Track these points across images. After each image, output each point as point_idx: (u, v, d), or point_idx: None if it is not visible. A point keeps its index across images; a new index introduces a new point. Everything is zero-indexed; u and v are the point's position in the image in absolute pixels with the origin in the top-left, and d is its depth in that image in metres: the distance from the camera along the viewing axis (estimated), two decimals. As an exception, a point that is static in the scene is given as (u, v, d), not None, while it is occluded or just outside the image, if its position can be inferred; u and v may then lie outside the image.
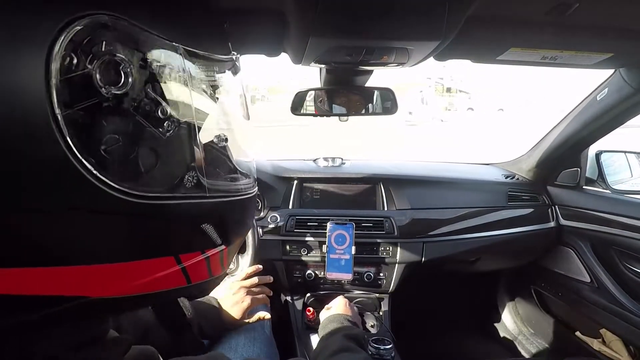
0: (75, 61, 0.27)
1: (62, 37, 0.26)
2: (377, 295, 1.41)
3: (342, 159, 1.70)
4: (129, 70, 0.30)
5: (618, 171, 1.56)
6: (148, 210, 0.32)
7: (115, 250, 0.31)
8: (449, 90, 33.32)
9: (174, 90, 0.34)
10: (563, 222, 1.56)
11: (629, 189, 1.49)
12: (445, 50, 0.83)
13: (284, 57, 1.01)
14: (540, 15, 0.74)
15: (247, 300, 0.99)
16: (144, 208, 0.31)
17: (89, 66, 0.28)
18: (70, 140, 0.27)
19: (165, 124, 0.33)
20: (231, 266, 1.14)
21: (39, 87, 0.26)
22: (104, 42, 0.28)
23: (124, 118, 0.30)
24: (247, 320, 0.98)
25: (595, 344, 1.49)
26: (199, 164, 0.37)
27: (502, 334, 1.95)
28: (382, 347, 1.08)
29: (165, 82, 0.33)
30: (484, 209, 1.53)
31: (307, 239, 1.40)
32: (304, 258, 1.40)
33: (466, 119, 18.47)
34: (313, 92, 1.18)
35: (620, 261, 1.35)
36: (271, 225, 1.41)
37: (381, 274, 1.40)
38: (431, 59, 0.92)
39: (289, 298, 1.42)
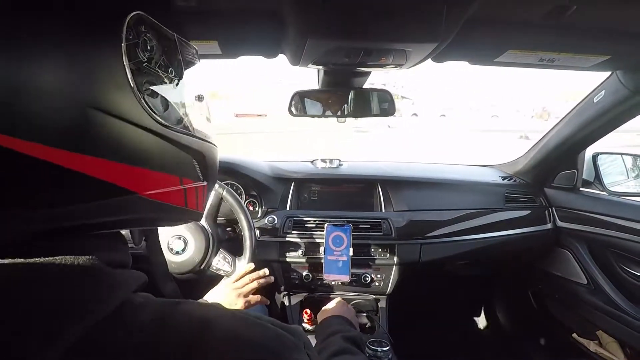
0: (131, 36, 0.39)
1: (127, 20, 0.38)
2: (375, 296, 1.41)
3: (339, 160, 1.70)
4: (154, 45, 0.44)
5: (614, 173, 1.57)
6: (166, 134, 0.43)
7: (150, 160, 0.42)
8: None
9: (174, 59, 0.48)
10: (560, 224, 1.56)
11: (625, 190, 1.49)
12: (443, 52, 0.84)
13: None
14: (538, 18, 0.75)
15: (240, 301, 1.01)
16: (165, 132, 0.43)
17: (137, 39, 0.40)
18: (134, 81, 0.39)
19: (172, 80, 0.47)
20: (228, 268, 1.13)
21: (116, 50, 0.37)
22: (142, 27, 0.42)
23: (152, 72, 0.43)
24: None
25: (592, 346, 1.49)
26: (190, 113, 0.50)
27: (499, 336, 1.95)
28: (379, 349, 1.08)
29: (169, 55, 0.47)
30: (481, 211, 1.53)
31: (304, 240, 1.40)
32: (301, 259, 1.39)
33: (411, 125, 18.82)
34: (311, 93, 1.18)
35: (616, 263, 1.35)
36: (269, 227, 1.41)
37: (379, 276, 1.40)
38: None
39: (286, 300, 1.42)
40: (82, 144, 0.35)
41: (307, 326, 1.25)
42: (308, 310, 1.23)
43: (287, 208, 1.52)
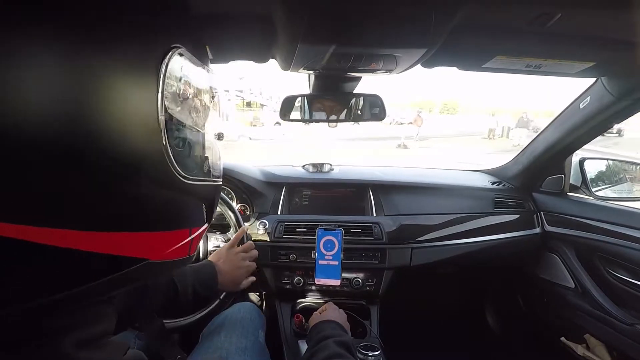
0: (169, 80, 0.37)
1: (166, 61, 0.36)
2: (366, 301, 1.41)
3: (330, 165, 1.70)
4: (190, 89, 0.41)
5: (601, 178, 1.60)
6: (184, 187, 0.41)
7: (165, 221, 0.40)
8: (249, 104, 31.07)
9: (203, 102, 0.46)
10: (548, 228, 1.58)
11: (611, 195, 1.52)
12: (432, 58, 0.85)
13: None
14: (524, 24, 0.76)
15: (248, 263, 1.10)
16: (182, 186, 0.40)
17: (175, 85, 0.38)
18: (165, 135, 0.36)
19: (198, 127, 0.45)
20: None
21: (152, 98, 0.35)
22: (182, 67, 0.39)
23: (181, 121, 0.41)
24: (245, 282, 1.08)
25: (580, 349, 1.50)
26: (210, 156, 0.49)
27: (488, 339, 1.96)
28: (370, 354, 1.08)
29: (201, 97, 0.45)
30: (471, 215, 1.54)
31: (295, 245, 1.40)
32: (292, 264, 1.39)
33: (275, 134, 17.53)
34: (301, 97, 1.18)
35: (603, 267, 1.37)
36: (260, 231, 1.40)
37: (370, 280, 1.40)
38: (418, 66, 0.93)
39: (277, 305, 1.41)
40: (88, 219, 0.32)
41: (298, 331, 1.25)
42: (299, 315, 1.23)
43: (279, 212, 1.52)
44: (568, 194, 1.56)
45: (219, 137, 0.53)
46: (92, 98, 0.31)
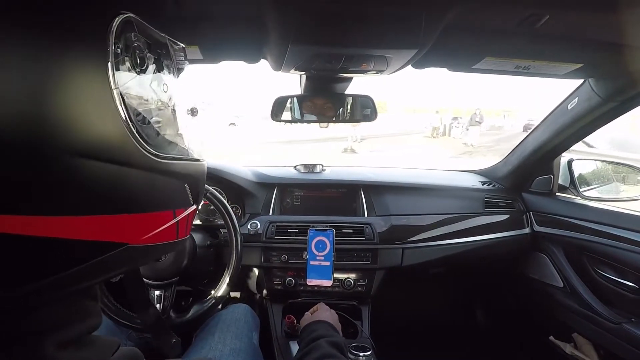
0: (119, 49, 0.34)
1: (112, 29, 0.33)
2: (357, 301, 1.41)
3: (322, 166, 1.70)
4: (145, 57, 0.39)
5: (589, 178, 1.62)
6: (158, 167, 0.39)
7: (142, 202, 0.38)
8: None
9: (166, 74, 0.43)
10: (537, 228, 1.59)
11: (598, 195, 1.54)
12: (423, 59, 0.85)
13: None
14: (513, 26, 0.77)
15: None
16: (158, 165, 0.38)
17: (128, 54, 0.36)
18: (123, 109, 0.34)
19: (166, 101, 0.43)
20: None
21: (100, 68, 0.32)
22: (133, 35, 0.37)
23: (144, 93, 0.39)
24: None
25: (568, 348, 1.52)
26: (183, 132, 0.46)
27: (478, 338, 1.97)
28: (361, 354, 1.08)
29: (163, 70, 0.43)
30: (461, 215, 1.55)
31: (287, 245, 1.39)
32: (284, 265, 1.38)
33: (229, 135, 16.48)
34: (293, 98, 1.18)
35: (591, 266, 1.39)
36: (251, 232, 1.40)
37: (361, 280, 1.40)
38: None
39: (268, 305, 1.41)
40: (59, 204, 0.31)
41: (289, 332, 1.24)
42: (291, 316, 1.23)
43: (270, 213, 1.51)
44: (557, 194, 1.58)
45: (192, 112, 0.51)
46: (41, 77, 0.29)
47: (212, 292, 1.13)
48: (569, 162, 1.54)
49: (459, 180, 1.75)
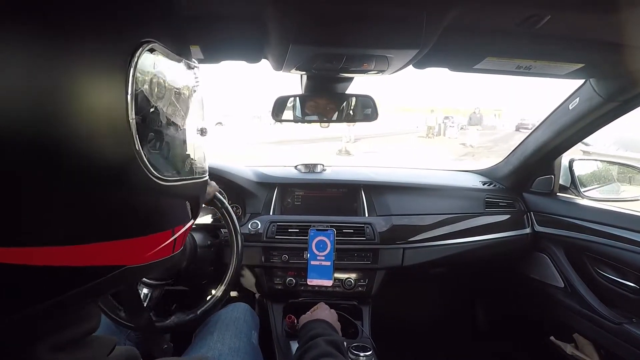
0: (139, 79, 0.34)
1: (135, 59, 0.33)
2: (358, 301, 1.41)
3: (323, 165, 1.70)
4: (165, 86, 0.39)
5: (590, 179, 1.62)
6: (163, 190, 0.38)
7: (143, 225, 0.37)
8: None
9: (182, 98, 0.43)
10: (538, 228, 1.59)
11: (599, 196, 1.54)
12: (424, 59, 0.85)
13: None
14: (514, 26, 0.77)
15: None
16: (161, 188, 0.38)
17: (147, 83, 0.36)
18: (137, 138, 0.34)
19: (177, 124, 0.42)
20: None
21: (120, 98, 0.32)
22: (154, 64, 0.36)
23: (157, 121, 0.38)
24: None
25: (569, 349, 1.52)
26: (192, 153, 0.46)
27: (479, 339, 1.97)
28: (362, 354, 1.08)
29: (179, 94, 0.42)
30: (462, 215, 1.55)
31: (288, 245, 1.39)
32: (284, 265, 1.38)
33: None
34: (293, 98, 1.18)
35: (592, 267, 1.39)
36: (252, 232, 1.40)
37: (362, 280, 1.40)
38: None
39: (268, 305, 1.41)
40: (64, 234, 0.30)
41: (289, 331, 1.25)
42: (291, 316, 1.23)
43: (271, 213, 1.51)
44: (557, 194, 1.58)
45: (202, 132, 0.50)
46: (56, 99, 0.29)
47: (213, 291, 1.13)
48: (570, 162, 1.54)
49: (459, 180, 1.75)
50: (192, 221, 0.49)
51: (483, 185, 1.70)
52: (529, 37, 0.81)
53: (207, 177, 0.52)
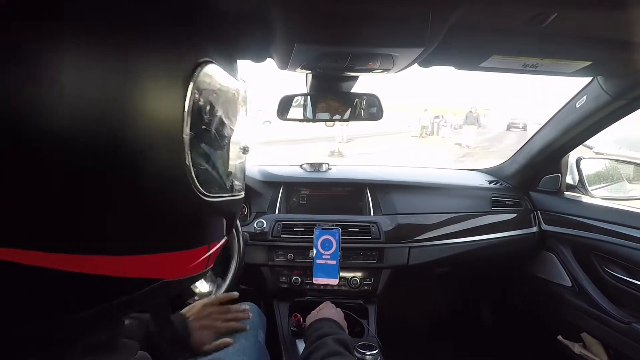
0: (196, 97, 0.35)
1: (194, 77, 0.35)
2: (363, 300, 1.41)
3: (328, 164, 1.70)
4: (218, 104, 0.40)
5: (597, 177, 1.61)
6: (205, 205, 0.39)
7: (184, 240, 0.38)
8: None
9: (231, 116, 0.44)
10: (545, 227, 1.58)
11: (607, 194, 1.53)
12: (429, 57, 0.85)
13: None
14: (520, 25, 0.76)
15: (218, 325, 0.95)
16: (204, 203, 0.38)
17: (202, 101, 0.36)
18: (189, 154, 0.35)
19: (224, 142, 0.43)
20: (211, 288, 1.12)
21: (177, 113, 0.33)
22: (210, 83, 0.38)
23: (207, 138, 0.39)
24: (209, 347, 0.90)
25: (577, 348, 1.51)
26: (234, 170, 0.47)
27: (485, 338, 1.96)
28: (368, 353, 1.08)
29: (229, 111, 0.43)
30: (468, 214, 1.55)
31: (293, 244, 1.40)
32: (290, 263, 1.39)
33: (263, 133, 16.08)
34: (299, 97, 1.18)
35: (600, 265, 1.38)
36: (257, 231, 1.40)
37: (367, 279, 1.40)
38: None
39: (274, 304, 1.41)
40: (112, 244, 0.31)
41: (296, 330, 1.25)
42: (297, 315, 1.23)
43: (276, 212, 1.52)
44: (565, 193, 1.57)
45: (244, 150, 0.51)
46: (122, 111, 0.30)
47: (213, 292, 1.13)
48: (577, 161, 1.53)
49: (465, 179, 1.75)
50: (225, 238, 0.49)
51: (489, 184, 1.69)
52: (536, 35, 0.81)
53: (243, 194, 0.52)
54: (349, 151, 12.72)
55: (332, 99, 1.19)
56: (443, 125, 19.17)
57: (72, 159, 0.27)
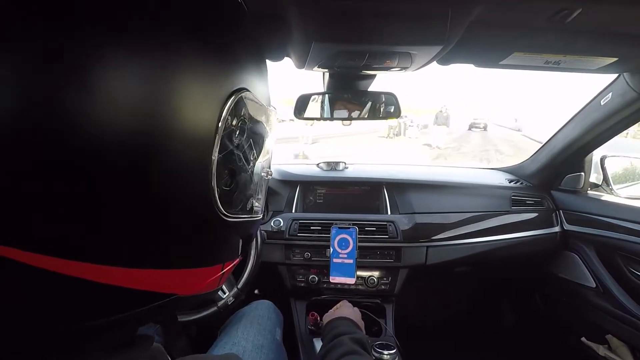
0: (228, 121, 0.36)
1: (229, 103, 0.36)
2: (381, 299, 1.40)
3: (345, 163, 1.70)
4: (247, 130, 0.41)
5: (623, 176, 1.56)
6: (224, 224, 0.40)
7: (201, 257, 0.39)
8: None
9: (258, 142, 0.45)
10: (567, 226, 1.55)
11: (633, 194, 1.48)
12: (448, 55, 0.84)
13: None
14: (543, 21, 0.74)
15: None
16: (223, 223, 0.39)
17: (233, 126, 0.38)
18: (214, 176, 0.36)
19: (249, 166, 0.44)
20: (226, 288, 1.14)
21: (209, 136, 0.34)
22: (243, 111, 0.39)
23: (233, 161, 0.40)
24: None
25: (601, 350, 1.47)
26: (255, 193, 0.48)
27: (506, 339, 1.93)
28: (385, 352, 1.08)
29: (257, 137, 0.45)
30: (487, 214, 1.52)
31: (310, 243, 1.40)
32: (307, 262, 1.39)
33: None
34: (316, 96, 1.18)
35: (625, 266, 1.34)
36: (274, 229, 1.41)
37: (384, 279, 1.39)
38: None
39: (292, 302, 1.42)
40: (130, 256, 0.31)
41: (313, 328, 1.25)
42: (314, 313, 1.23)
43: (293, 211, 1.52)
44: (588, 192, 1.53)
45: (267, 174, 0.52)
46: (157, 128, 0.30)
47: (231, 290, 1.14)
48: (602, 159, 1.49)
49: (484, 178, 1.72)
50: (239, 258, 0.50)
51: (509, 182, 1.67)
52: (559, 31, 0.79)
53: (261, 216, 0.53)
54: (314, 154, 11.74)
55: (352, 97, 1.19)
56: (410, 126, 18.85)
57: (103, 168, 0.28)
